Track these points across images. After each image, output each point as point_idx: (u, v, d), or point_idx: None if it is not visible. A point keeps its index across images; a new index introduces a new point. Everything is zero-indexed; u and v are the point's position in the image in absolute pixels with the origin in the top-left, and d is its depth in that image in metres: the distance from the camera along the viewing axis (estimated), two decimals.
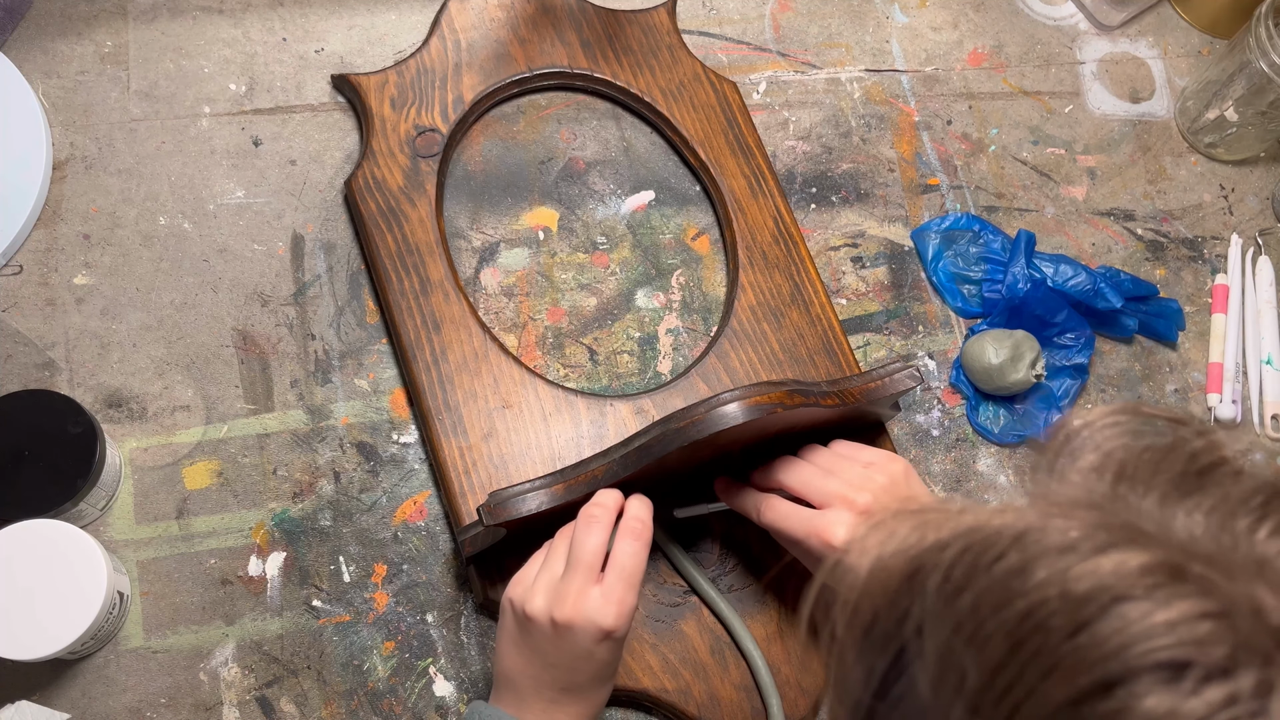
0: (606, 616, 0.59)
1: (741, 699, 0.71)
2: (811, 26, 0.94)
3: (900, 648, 0.34)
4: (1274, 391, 0.85)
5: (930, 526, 0.35)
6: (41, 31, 0.85)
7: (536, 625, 0.60)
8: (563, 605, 0.59)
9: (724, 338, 0.79)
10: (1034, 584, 0.31)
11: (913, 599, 0.33)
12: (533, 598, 0.60)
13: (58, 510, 0.68)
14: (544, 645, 0.60)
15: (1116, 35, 0.97)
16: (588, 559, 0.60)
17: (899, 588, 0.34)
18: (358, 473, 0.76)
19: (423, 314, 0.77)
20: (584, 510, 0.63)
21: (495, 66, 0.85)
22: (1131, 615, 0.29)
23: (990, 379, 0.81)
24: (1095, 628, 0.29)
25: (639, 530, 0.62)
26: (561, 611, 0.59)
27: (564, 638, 0.59)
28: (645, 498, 0.65)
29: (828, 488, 0.65)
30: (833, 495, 0.65)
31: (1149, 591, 0.29)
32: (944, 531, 0.34)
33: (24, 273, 0.78)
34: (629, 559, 0.61)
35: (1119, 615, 0.29)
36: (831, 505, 0.64)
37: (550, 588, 0.60)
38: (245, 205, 0.82)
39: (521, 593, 0.61)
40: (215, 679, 0.71)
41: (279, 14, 0.88)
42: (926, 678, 0.32)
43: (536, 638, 0.60)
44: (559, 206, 0.85)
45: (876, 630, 0.35)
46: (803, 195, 0.88)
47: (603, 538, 0.61)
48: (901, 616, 0.34)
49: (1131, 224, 0.91)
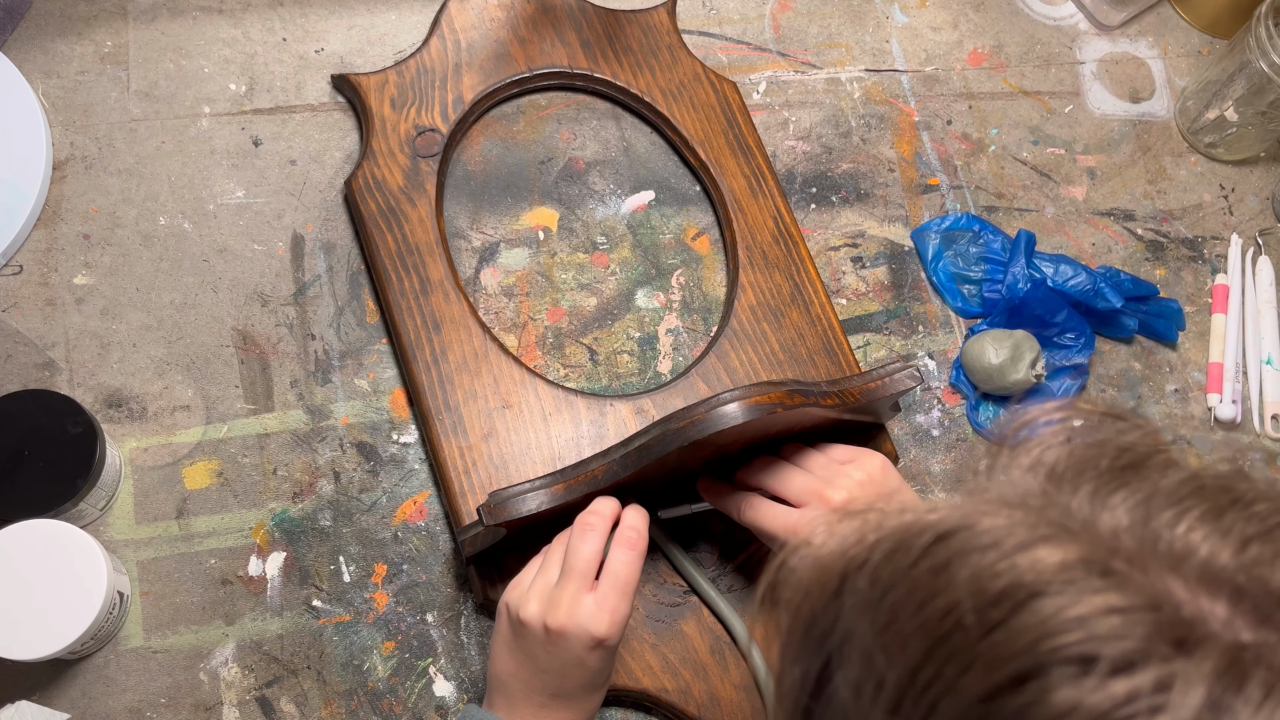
0: (599, 625, 0.59)
1: (741, 699, 0.71)
2: (811, 26, 0.94)
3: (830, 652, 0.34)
4: (1274, 391, 0.85)
5: (870, 527, 0.35)
6: (41, 31, 0.85)
7: (530, 630, 0.60)
8: (556, 612, 0.59)
9: (724, 338, 0.79)
10: (954, 582, 0.31)
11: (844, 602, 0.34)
12: (527, 603, 0.61)
13: (58, 510, 0.68)
14: (536, 651, 0.60)
15: (1116, 35, 0.97)
16: (582, 566, 0.61)
17: (834, 589, 0.35)
18: (358, 473, 0.76)
19: (423, 314, 0.77)
20: (580, 518, 0.63)
21: (495, 66, 0.85)
22: (1045, 610, 0.30)
23: (990, 379, 0.81)
24: (1011, 623, 0.30)
25: (634, 540, 0.62)
26: (555, 618, 0.59)
27: (556, 644, 0.59)
28: (641, 508, 0.65)
29: (805, 486, 0.67)
30: (809, 493, 0.66)
31: (1064, 587, 0.30)
32: (880, 531, 0.34)
33: (24, 273, 0.78)
34: (623, 568, 0.61)
35: (1033, 610, 0.30)
36: (808, 504, 0.66)
37: (545, 594, 0.61)
38: (245, 205, 0.82)
39: (517, 597, 0.62)
40: (215, 679, 0.71)
41: (279, 14, 0.88)
42: (848, 682, 0.33)
43: (529, 643, 0.61)
44: (559, 206, 0.85)
45: (814, 632, 0.35)
46: (803, 195, 0.88)
47: (598, 546, 0.62)
48: (835, 619, 0.34)
49: (1131, 224, 0.91)
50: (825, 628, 0.35)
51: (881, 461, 0.68)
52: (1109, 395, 0.85)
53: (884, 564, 0.33)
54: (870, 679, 0.32)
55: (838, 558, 0.35)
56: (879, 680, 0.32)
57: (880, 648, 0.32)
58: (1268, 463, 0.85)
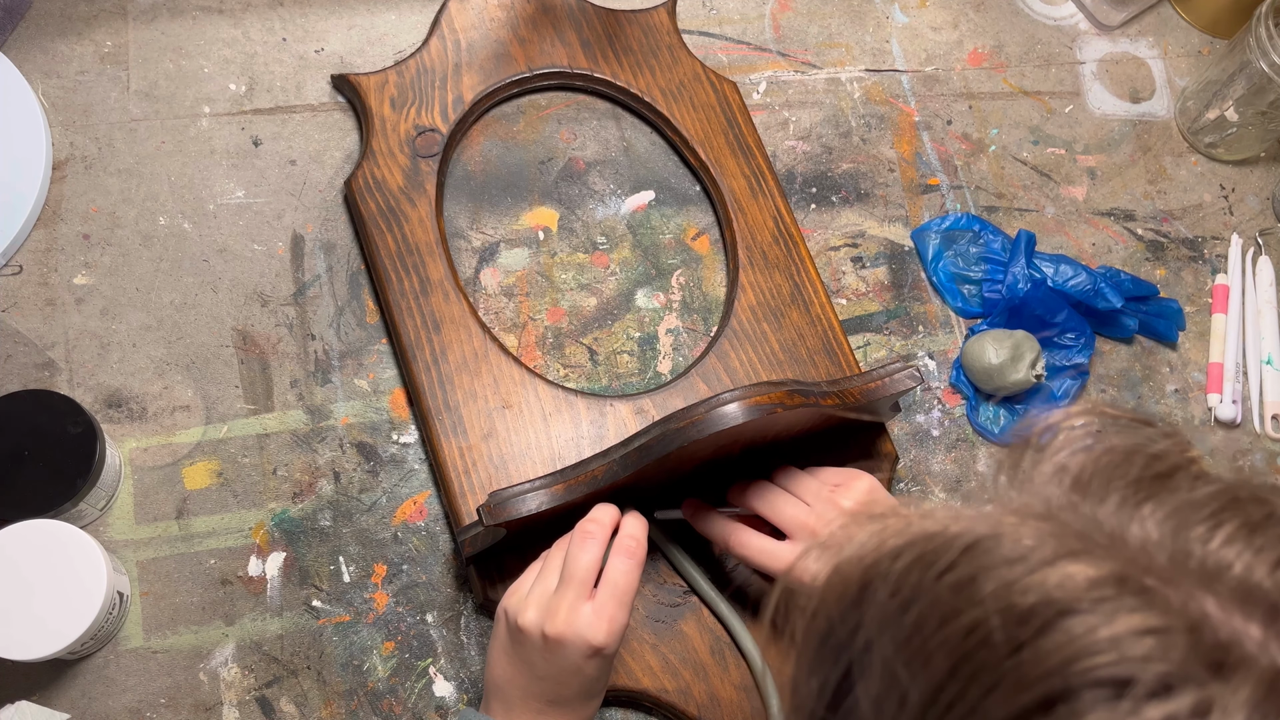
0: (597, 633, 0.59)
1: (741, 699, 0.71)
2: (811, 26, 0.94)
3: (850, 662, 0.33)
4: (1274, 391, 0.85)
5: (889, 533, 0.34)
6: (41, 31, 0.85)
7: (528, 637, 0.60)
8: (554, 620, 0.59)
9: (724, 338, 0.79)
10: (979, 597, 0.30)
11: (863, 611, 0.33)
12: (525, 610, 0.60)
13: (58, 510, 0.68)
14: (534, 657, 0.60)
15: (1116, 35, 0.97)
16: (581, 574, 0.60)
17: (854, 597, 0.34)
18: (358, 473, 0.76)
19: (423, 314, 0.77)
20: (579, 526, 0.63)
21: (495, 66, 0.85)
22: (1076, 630, 0.29)
23: (990, 379, 0.81)
24: (1039, 643, 0.29)
25: (633, 548, 0.62)
26: (553, 626, 0.59)
27: (554, 652, 0.59)
28: (641, 516, 0.65)
29: (796, 517, 0.67)
30: (799, 526, 0.66)
31: (1094, 605, 0.29)
32: (901, 538, 0.33)
33: (24, 273, 0.78)
34: (622, 576, 0.61)
35: (1063, 630, 0.29)
36: (798, 536, 0.66)
37: (543, 601, 0.61)
38: (245, 205, 0.82)
39: (515, 603, 0.62)
40: (215, 679, 0.71)
41: (279, 14, 0.88)
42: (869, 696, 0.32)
43: (527, 649, 0.60)
44: (559, 206, 0.85)
45: (831, 641, 0.34)
46: (803, 195, 0.88)
47: (597, 554, 0.61)
48: (854, 629, 0.33)
49: (1131, 224, 0.91)
50: (843, 637, 0.34)
51: (869, 484, 0.68)
52: (1109, 395, 0.85)
53: (906, 574, 0.32)
54: (892, 694, 0.31)
55: (856, 564, 0.34)
56: (901, 696, 0.31)
57: (903, 662, 0.31)
58: (1268, 463, 0.85)
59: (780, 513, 0.67)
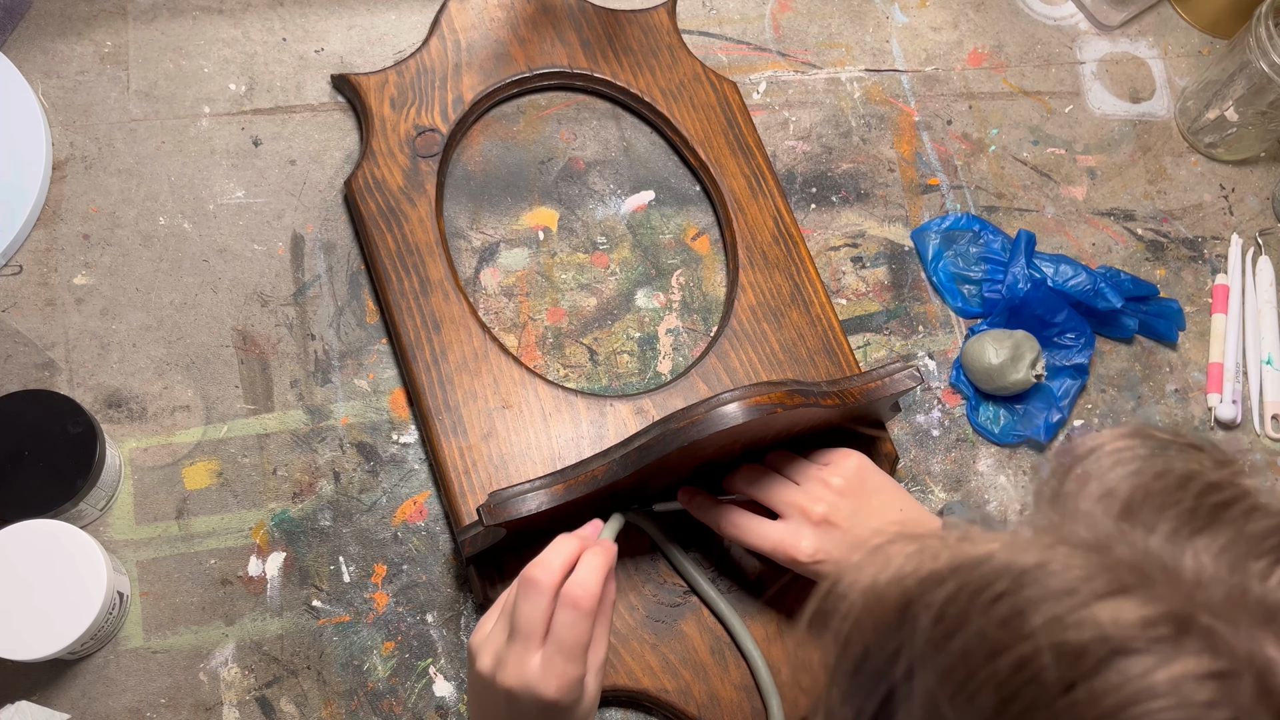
0: (547, 689, 0.54)
1: (741, 699, 0.71)
2: (811, 26, 0.94)
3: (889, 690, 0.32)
4: (1274, 391, 0.85)
5: (927, 555, 0.33)
6: (41, 31, 0.85)
7: (484, 683, 0.57)
8: (504, 670, 0.55)
9: (724, 338, 0.79)
10: (1028, 631, 0.29)
11: (904, 637, 0.32)
12: (482, 654, 0.57)
13: (58, 510, 0.68)
14: (496, 702, 0.57)
15: (1116, 35, 0.97)
16: (525, 628, 0.55)
17: (891, 622, 0.32)
18: (358, 473, 0.76)
19: (423, 314, 0.77)
20: (524, 573, 0.56)
21: (495, 66, 0.85)
22: (1131, 671, 0.27)
23: (990, 379, 0.81)
24: (1092, 683, 0.28)
25: (579, 598, 0.55)
26: (503, 677, 0.55)
27: (510, 702, 0.56)
28: (602, 552, 0.58)
29: (786, 498, 0.67)
30: (790, 505, 0.67)
31: (1150, 645, 0.28)
32: (940, 562, 0.32)
33: (24, 273, 0.78)
34: (568, 631, 0.54)
35: (1118, 671, 0.27)
36: (789, 516, 0.67)
37: (497, 649, 0.56)
38: (245, 205, 0.82)
39: (477, 644, 0.58)
40: (215, 679, 0.71)
41: (279, 14, 0.88)
42: None
43: (487, 694, 0.57)
44: (559, 206, 0.85)
45: (867, 667, 0.33)
46: (803, 195, 0.88)
47: (541, 605, 0.55)
48: (892, 655, 0.32)
49: (1131, 224, 0.91)
50: (880, 663, 0.32)
51: (857, 461, 0.68)
52: (1109, 396, 0.85)
53: (950, 602, 0.31)
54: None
55: (894, 586, 0.32)
56: None
57: (946, 696, 0.30)
58: (1268, 463, 0.85)
59: (771, 493, 0.68)
